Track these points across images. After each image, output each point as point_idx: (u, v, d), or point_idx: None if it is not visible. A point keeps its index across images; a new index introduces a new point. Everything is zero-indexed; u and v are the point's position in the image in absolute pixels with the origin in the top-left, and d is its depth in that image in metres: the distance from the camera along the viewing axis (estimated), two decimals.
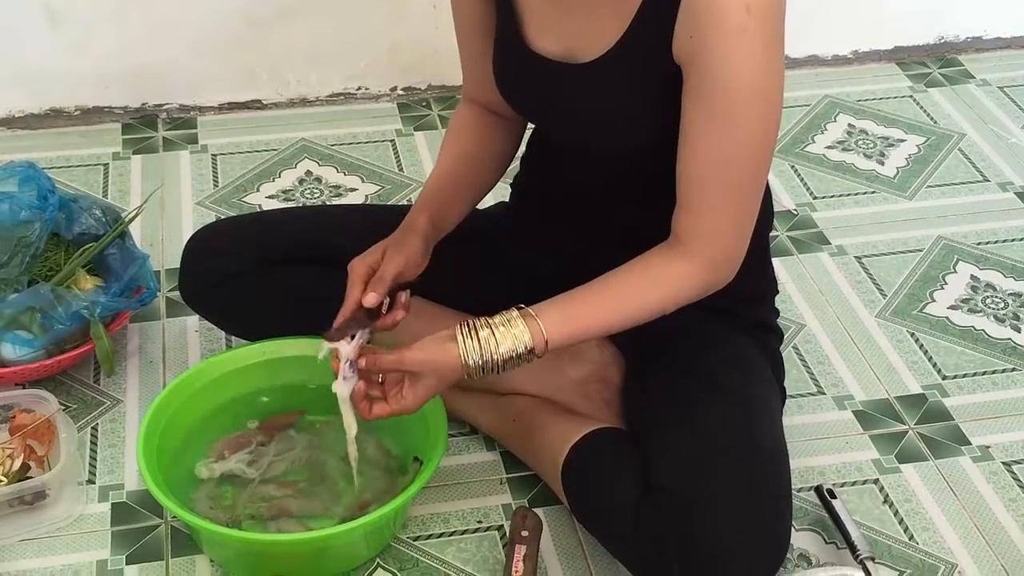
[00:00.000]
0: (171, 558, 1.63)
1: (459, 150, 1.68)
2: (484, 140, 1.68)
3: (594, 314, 1.47)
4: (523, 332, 1.44)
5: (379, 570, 1.62)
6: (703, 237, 1.45)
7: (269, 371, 1.76)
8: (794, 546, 1.65)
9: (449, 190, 1.65)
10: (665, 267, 1.47)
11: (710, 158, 1.42)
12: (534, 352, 1.45)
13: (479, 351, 1.44)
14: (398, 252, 1.55)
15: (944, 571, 1.64)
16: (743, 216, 1.47)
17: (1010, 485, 1.77)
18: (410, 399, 1.47)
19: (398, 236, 1.58)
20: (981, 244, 2.25)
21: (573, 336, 1.47)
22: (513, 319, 1.45)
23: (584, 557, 1.64)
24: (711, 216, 1.45)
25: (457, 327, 1.46)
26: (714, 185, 1.43)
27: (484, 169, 1.69)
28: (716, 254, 1.47)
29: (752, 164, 1.44)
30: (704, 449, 1.48)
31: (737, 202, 1.45)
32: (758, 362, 1.65)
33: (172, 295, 2.03)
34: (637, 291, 1.48)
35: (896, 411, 1.89)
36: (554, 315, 1.46)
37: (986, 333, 2.05)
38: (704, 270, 1.47)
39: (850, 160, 2.48)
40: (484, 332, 1.44)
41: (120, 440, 1.80)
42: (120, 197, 2.31)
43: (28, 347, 1.79)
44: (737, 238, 1.48)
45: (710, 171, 1.42)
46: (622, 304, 1.48)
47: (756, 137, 1.41)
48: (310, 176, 2.40)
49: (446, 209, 1.64)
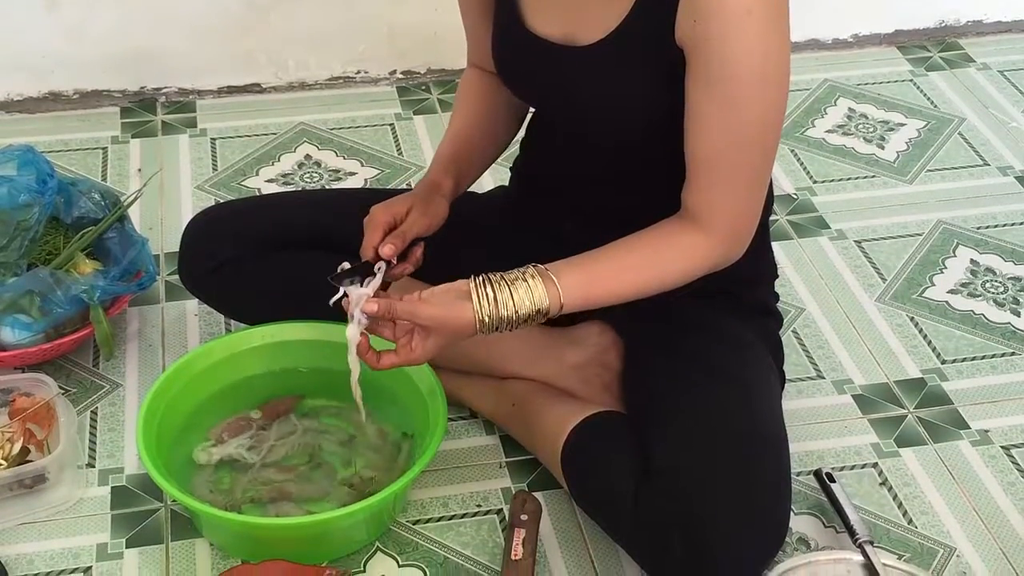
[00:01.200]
0: (171, 541, 1.63)
1: (470, 112, 1.69)
2: (494, 101, 1.69)
3: (611, 281, 1.47)
4: (541, 294, 1.43)
5: (378, 554, 1.62)
6: (715, 213, 1.45)
7: (269, 355, 1.76)
8: (793, 530, 1.65)
9: (466, 150, 1.66)
10: (681, 240, 1.47)
11: (717, 140, 1.42)
12: (548, 314, 1.45)
13: (494, 311, 1.43)
14: (424, 215, 1.55)
15: (943, 555, 1.65)
16: (753, 193, 1.47)
17: (1009, 469, 1.77)
18: (419, 352, 1.46)
19: (425, 196, 1.58)
20: (981, 228, 2.25)
21: (587, 301, 1.47)
22: (530, 278, 1.44)
23: (583, 541, 1.65)
24: (721, 194, 1.45)
25: (472, 283, 1.44)
26: (722, 166, 1.43)
27: (497, 129, 1.70)
28: (728, 229, 1.47)
29: (760, 145, 1.44)
30: (704, 433, 1.48)
31: (746, 181, 1.45)
32: (757, 346, 1.65)
33: (171, 279, 2.03)
34: (654, 262, 1.48)
35: (895, 395, 1.89)
36: (571, 278, 1.45)
37: (986, 317, 2.05)
38: (719, 244, 1.47)
39: (850, 144, 2.48)
40: (501, 293, 1.43)
41: (120, 424, 1.80)
42: (119, 181, 2.30)
43: (27, 331, 1.79)
44: (748, 214, 1.48)
45: (718, 153, 1.42)
46: (639, 274, 1.48)
47: (763, 120, 1.41)
48: (309, 160, 2.40)
49: (466, 169, 1.66)
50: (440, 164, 1.65)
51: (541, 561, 1.61)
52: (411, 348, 1.46)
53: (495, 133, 1.71)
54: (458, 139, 1.67)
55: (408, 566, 1.61)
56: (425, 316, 1.44)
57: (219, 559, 1.61)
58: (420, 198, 1.58)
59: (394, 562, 1.61)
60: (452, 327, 1.44)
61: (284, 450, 1.72)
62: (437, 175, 1.63)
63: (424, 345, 1.46)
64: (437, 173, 1.63)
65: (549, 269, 1.45)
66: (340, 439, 1.73)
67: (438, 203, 1.59)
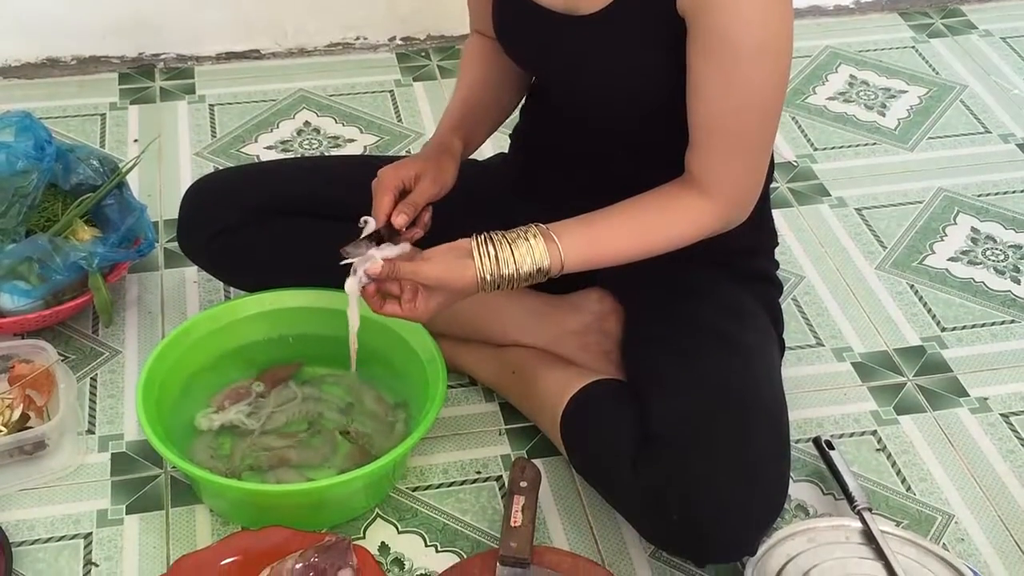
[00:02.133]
0: (171, 508, 1.64)
1: (475, 77, 1.68)
2: (499, 66, 1.68)
3: (613, 242, 1.47)
4: (542, 254, 1.43)
5: (378, 520, 1.63)
6: (718, 178, 1.45)
7: (268, 322, 1.76)
8: (792, 497, 1.66)
9: (472, 115, 1.66)
10: (684, 203, 1.47)
11: (719, 109, 1.41)
12: (549, 272, 1.45)
13: (495, 268, 1.43)
14: (435, 180, 1.55)
15: (941, 521, 1.65)
16: (755, 160, 1.47)
17: (1008, 436, 1.78)
18: (422, 309, 1.47)
19: (435, 158, 1.58)
20: (982, 196, 2.25)
21: (589, 262, 1.47)
22: (532, 238, 1.44)
23: (583, 507, 1.65)
24: (723, 161, 1.45)
25: (473, 242, 1.44)
26: (724, 133, 1.43)
27: (501, 94, 1.69)
28: (731, 194, 1.47)
29: (762, 113, 1.43)
30: (703, 400, 1.48)
31: (748, 148, 1.45)
32: (757, 314, 1.65)
33: (170, 246, 2.02)
34: (656, 224, 1.47)
35: (895, 363, 1.89)
36: (574, 239, 1.45)
37: (986, 285, 2.05)
38: (721, 208, 1.47)
39: (851, 111, 2.47)
40: (503, 251, 1.43)
41: (119, 391, 1.80)
42: (117, 148, 2.30)
43: (26, 297, 1.79)
44: (751, 180, 1.48)
45: (719, 120, 1.42)
46: (641, 235, 1.47)
47: (765, 89, 1.40)
48: (308, 127, 2.39)
49: (475, 132, 1.65)
50: (448, 126, 1.64)
51: (540, 528, 1.61)
52: (415, 305, 1.47)
53: (500, 98, 1.70)
54: (465, 103, 1.67)
55: (408, 532, 1.61)
56: (428, 276, 1.44)
57: (219, 525, 1.61)
58: (431, 162, 1.57)
59: (394, 529, 1.62)
60: (455, 286, 1.45)
61: (284, 417, 1.72)
62: (446, 136, 1.62)
63: (427, 304, 1.46)
64: (445, 134, 1.62)
65: (551, 229, 1.45)
66: (339, 406, 1.73)
67: (447, 167, 1.58)
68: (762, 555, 1.51)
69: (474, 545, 1.60)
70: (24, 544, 1.58)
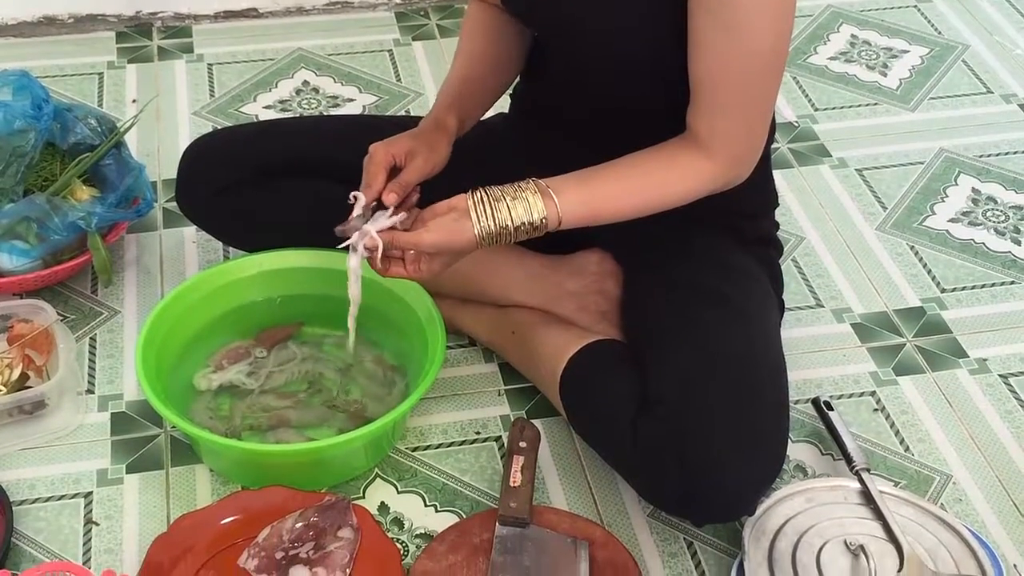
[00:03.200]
0: (171, 467, 1.64)
1: (474, 50, 1.66)
2: (498, 38, 1.66)
3: (611, 200, 1.47)
4: (540, 208, 1.43)
5: (377, 480, 1.63)
6: (719, 136, 1.45)
7: (267, 282, 1.76)
8: (790, 457, 1.66)
9: (470, 90, 1.64)
10: (684, 160, 1.46)
11: (719, 67, 1.40)
12: (547, 228, 1.45)
13: (493, 224, 1.43)
14: (427, 159, 1.53)
15: (939, 482, 1.66)
16: (756, 119, 1.46)
17: (1007, 397, 1.78)
18: (425, 271, 1.48)
19: (428, 136, 1.56)
20: (983, 157, 2.24)
21: (585, 220, 1.47)
22: (530, 194, 1.44)
23: (582, 468, 1.66)
24: (724, 119, 1.44)
25: (470, 200, 1.44)
26: (725, 92, 1.42)
27: (501, 68, 1.68)
28: (732, 153, 1.46)
29: (764, 71, 1.42)
30: (702, 361, 1.48)
31: (749, 107, 1.44)
32: (757, 275, 1.65)
33: (169, 206, 2.02)
34: (655, 181, 1.47)
35: (894, 324, 1.89)
36: (572, 196, 1.45)
37: (986, 246, 2.04)
38: (721, 166, 1.46)
39: (852, 71, 2.46)
40: (500, 209, 1.43)
41: (118, 351, 1.80)
42: (115, 107, 2.29)
43: (25, 257, 1.79)
44: (752, 139, 1.48)
45: (720, 79, 1.41)
46: (640, 192, 1.47)
47: (767, 47, 1.39)
48: (307, 86, 2.38)
49: (471, 109, 1.64)
50: (444, 104, 1.62)
51: (539, 488, 1.62)
52: (418, 267, 1.47)
53: (499, 71, 1.68)
54: (463, 78, 1.65)
55: (407, 492, 1.62)
56: (428, 244, 1.44)
57: (219, 484, 1.61)
58: (423, 141, 1.55)
59: (393, 488, 1.62)
60: (455, 248, 1.45)
61: (283, 377, 1.72)
62: (441, 113, 1.60)
63: (430, 266, 1.47)
64: (441, 111, 1.61)
65: (549, 184, 1.45)
66: (338, 367, 1.73)
67: (440, 146, 1.56)
68: (760, 515, 1.52)
69: (473, 505, 1.60)
70: (25, 503, 1.59)
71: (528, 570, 1.47)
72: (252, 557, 1.48)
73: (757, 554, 1.48)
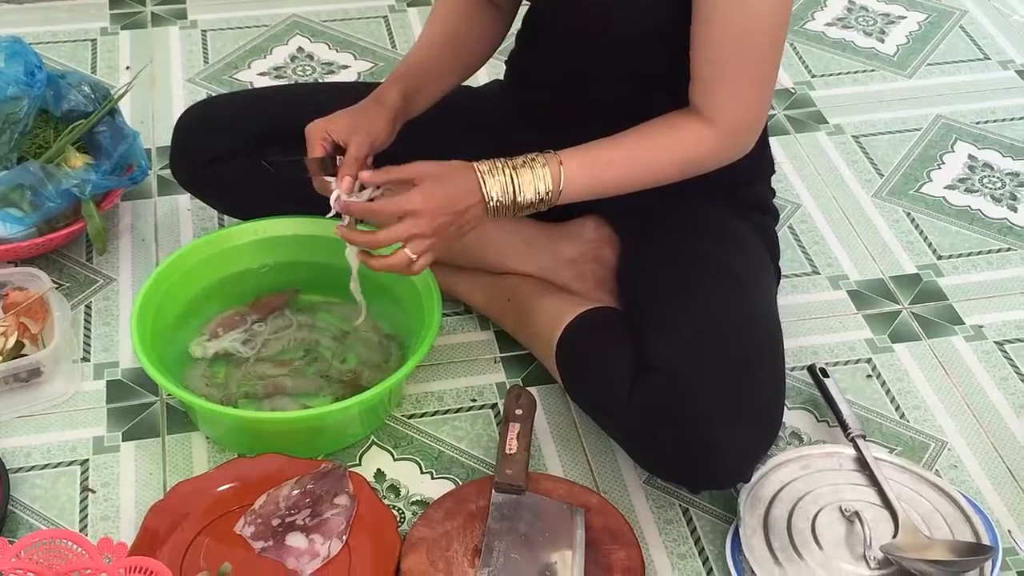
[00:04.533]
0: (167, 435, 1.64)
1: (442, 29, 1.64)
2: (470, 19, 1.64)
3: (615, 171, 1.46)
4: (547, 181, 1.43)
5: (374, 447, 1.63)
6: (721, 109, 1.44)
7: (262, 250, 1.76)
8: (786, 424, 1.66)
9: (428, 68, 1.61)
10: (688, 134, 1.46)
11: (722, 37, 1.40)
12: (552, 202, 1.45)
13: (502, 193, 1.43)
14: (364, 133, 1.50)
15: (934, 448, 1.66)
16: (761, 87, 1.46)
17: (1002, 364, 1.78)
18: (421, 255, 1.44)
19: (364, 110, 1.53)
20: (980, 123, 2.23)
21: (592, 191, 1.47)
22: (539, 166, 1.43)
23: (578, 435, 1.66)
24: (727, 91, 1.43)
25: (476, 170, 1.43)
26: (728, 63, 1.41)
27: (467, 52, 1.65)
28: (735, 125, 1.46)
29: (767, 38, 1.42)
30: (698, 329, 1.48)
31: (754, 75, 1.43)
32: (753, 242, 1.65)
33: (163, 173, 2.01)
34: (659, 156, 1.46)
35: (890, 291, 1.89)
36: (576, 167, 1.44)
37: (982, 213, 2.04)
38: (726, 139, 1.46)
39: (849, 38, 2.45)
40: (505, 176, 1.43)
41: (114, 318, 1.80)
42: (109, 74, 2.27)
43: (19, 225, 1.78)
44: (756, 108, 1.47)
45: (723, 50, 1.41)
46: (644, 166, 1.47)
47: (766, 17, 1.39)
48: (302, 53, 2.36)
49: (421, 87, 1.59)
50: (393, 76, 1.59)
51: (535, 455, 1.62)
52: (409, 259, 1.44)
53: (462, 54, 1.65)
54: (421, 58, 1.62)
55: (403, 460, 1.62)
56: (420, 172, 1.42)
57: (215, 452, 1.62)
58: (362, 114, 1.52)
59: (389, 456, 1.62)
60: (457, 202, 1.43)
61: (279, 344, 1.72)
62: (385, 87, 1.57)
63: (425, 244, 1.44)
64: (386, 85, 1.58)
65: (559, 155, 1.44)
66: (334, 334, 1.73)
67: (377, 116, 1.52)
68: (756, 482, 1.52)
69: (469, 472, 1.61)
70: (21, 470, 1.59)
71: (524, 537, 1.47)
72: (248, 524, 1.49)
73: (752, 520, 1.49)
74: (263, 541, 1.47)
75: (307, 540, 1.47)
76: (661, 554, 1.52)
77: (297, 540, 1.47)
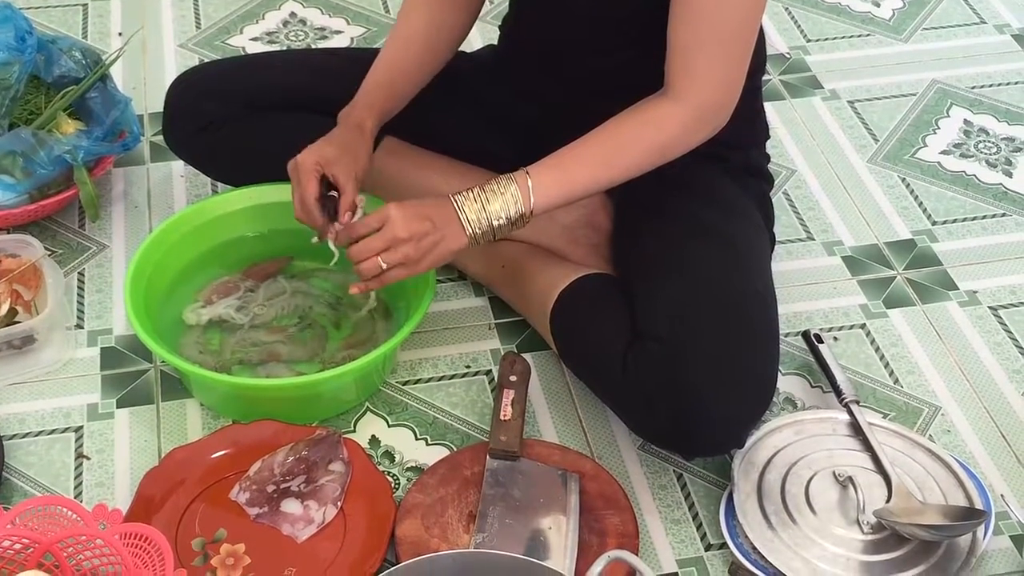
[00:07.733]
0: (161, 402, 1.64)
1: (410, 27, 1.63)
2: (442, 11, 1.63)
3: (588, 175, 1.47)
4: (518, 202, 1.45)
5: (368, 414, 1.63)
6: (693, 81, 1.43)
7: (256, 216, 1.75)
8: (780, 390, 1.67)
9: (400, 79, 1.62)
10: (653, 111, 1.46)
11: (701, 4, 1.39)
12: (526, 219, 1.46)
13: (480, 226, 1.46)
14: (353, 163, 1.53)
15: (928, 413, 1.66)
16: (734, 62, 1.45)
17: (996, 329, 1.78)
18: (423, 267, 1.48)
19: (347, 144, 1.55)
20: (975, 88, 2.23)
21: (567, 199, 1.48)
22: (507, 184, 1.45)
23: (572, 402, 1.66)
24: (701, 61, 1.43)
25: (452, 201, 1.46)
26: (705, 30, 1.41)
27: (436, 46, 1.64)
28: (705, 99, 1.45)
29: (744, 9, 1.41)
30: (693, 295, 1.48)
31: (728, 47, 1.43)
32: (748, 208, 1.64)
33: (156, 139, 2.00)
34: (628, 149, 1.46)
35: (885, 256, 1.89)
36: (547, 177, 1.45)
37: (977, 178, 2.04)
38: (692, 113, 1.45)
39: (845, 2, 2.43)
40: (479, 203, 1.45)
41: (107, 285, 1.80)
42: (100, 39, 2.26)
43: (11, 192, 1.78)
44: (728, 83, 1.46)
45: (700, 16, 1.40)
46: (615, 161, 1.47)
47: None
48: (294, 18, 2.35)
49: (392, 102, 1.61)
50: (365, 100, 1.60)
51: (530, 421, 1.62)
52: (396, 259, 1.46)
53: (429, 61, 1.64)
54: (391, 69, 1.62)
55: (398, 426, 1.62)
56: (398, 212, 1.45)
57: (210, 419, 1.62)
58: (345, 149, 1.54)
59: (384, 422, 1.62)
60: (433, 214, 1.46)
61: (273, 311, 1.72)
62: (361, 113, 1.58)
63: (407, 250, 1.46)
64: (361, 111, 1.58)
65: (528, 172, 1.45)
66: (328, 301, 1.73)
67: (362, 147, 1.55)
68: (750, 447, 1.53)
69: (464, 438, 1.61)
70: (16, 437, 1.59)
71: (519, 502, 1.48)
72: (243, 490, 1.49)
73: (746, 486, 1.49)
74: (258, 507, 1.48)
75: (302, 506, 1.47)
76: (655, 519, 1.52)
77: (292, 506, 1.48)
